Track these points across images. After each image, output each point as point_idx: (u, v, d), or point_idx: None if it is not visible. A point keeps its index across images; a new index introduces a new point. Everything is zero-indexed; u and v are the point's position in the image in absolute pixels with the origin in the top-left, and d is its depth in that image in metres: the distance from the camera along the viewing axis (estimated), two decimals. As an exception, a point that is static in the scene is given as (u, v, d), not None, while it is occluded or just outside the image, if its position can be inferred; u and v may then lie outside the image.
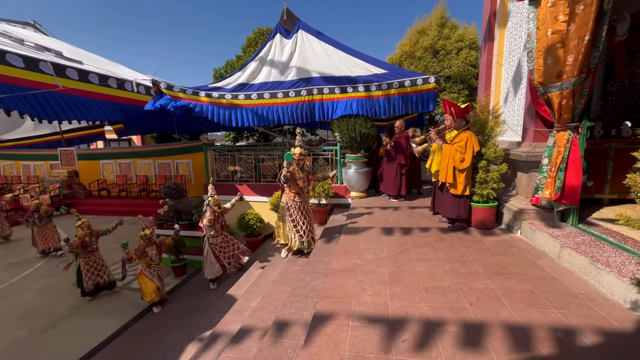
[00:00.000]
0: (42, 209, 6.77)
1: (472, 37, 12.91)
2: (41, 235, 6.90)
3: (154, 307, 4.74)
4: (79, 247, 4.94)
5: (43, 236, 6.91)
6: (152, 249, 4.70)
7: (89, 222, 5.10)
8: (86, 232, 4.98)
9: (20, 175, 13.86)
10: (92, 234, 5.10)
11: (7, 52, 5.23)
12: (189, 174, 11.51)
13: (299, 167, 4.03)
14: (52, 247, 7.05)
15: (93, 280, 5.11)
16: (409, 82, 5.70)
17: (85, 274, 5.06)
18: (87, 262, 5.06)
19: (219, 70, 16.57)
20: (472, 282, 2.74)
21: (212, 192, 4.81)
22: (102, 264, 5.25)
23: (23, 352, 3.95)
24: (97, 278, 5.12)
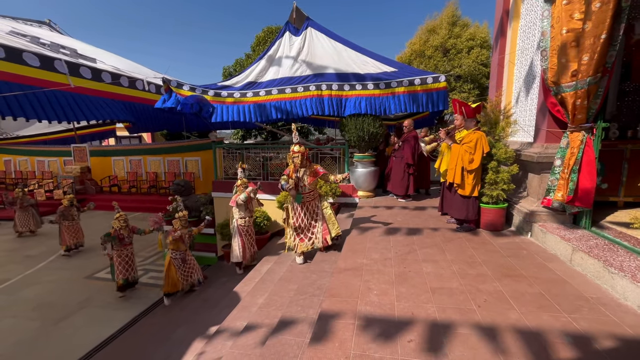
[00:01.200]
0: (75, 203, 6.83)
1: (484, 36, 12.71)
2: (70, 231, 6.85)
3: (166, 299, 4.75)
4: (115, 238, 4.90)
5: (72, 231, 6.88)
6: (186, 231, 4.73)
7: (126, 216, 5.06)
8: (122, 224, 4.94)
9: (35, 171, 14.23)
10: (128, 228, 5.04)
11: (24, 50, 5.36)
12: (198, 172, 11.65)
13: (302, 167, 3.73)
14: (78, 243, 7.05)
15: (124, 275, 5.07)
16: (419, 81, 5.64)
17: (117, 267, 5.02)
18: (119, 255, 5.02)
19: (228, 69, 16.70)
20: (480, 283, 2.70)
21: (241, 175, 4.66)
22: (133, 259, 5.22)
23: (36, 343, 4.06)
24: (127, 273, 5.10)
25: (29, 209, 8.32)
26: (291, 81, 6.24)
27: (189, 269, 4.84)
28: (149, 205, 10.79)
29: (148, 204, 10.93)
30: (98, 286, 5.59)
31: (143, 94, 7.64)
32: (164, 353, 3.36)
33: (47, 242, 7.42)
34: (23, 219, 8.24)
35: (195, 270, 4.94)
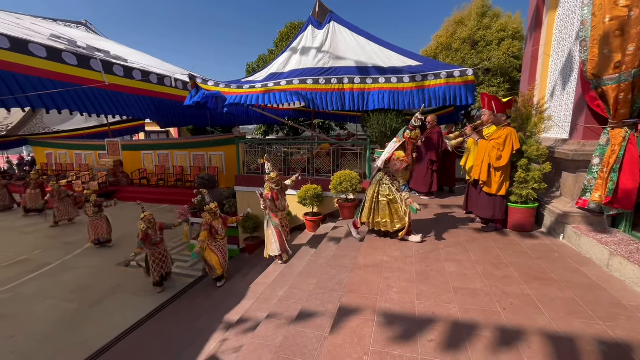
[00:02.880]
0: (92, 199, 7.14)
1: (516, 27, 12.04)
2: (92, 226, 7.13)
3: (218, 282, 4.89)
4: (143, 241, 4.94)
5: (94, 226, 7.13)
6: (218, 223, 4.84)
7: (151, 216, 5.03)
8: (147, 225, 4.95)
9: (73, 163, 15.19)
10: (155, 227, 5.06)
11: (63, 50, 5.73)
12: (222, 166, 11.96)
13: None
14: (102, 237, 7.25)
15: (158, 272, 5.17)
16: (445, 74, 5.46)
17: (152, 265, 5.12)
18: (152, 254, 5.09)
19: (252, 65, 16.93)
20: (506, 286, 2.60)
21: (269, 169, 4.58)
22: (166, 255, 5.29)
23: (73, 323, 4.37)
24: (162, 270, 5.20)
25: (66, 200, 8.90)
26: (313, 72, 6.22)
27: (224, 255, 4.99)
28: (175, 198, 11.23)
29: (174, 197, 11.39)
30: (128, 273, 5.91)
31: (171, 90, 7.94)
32: (189, 339, 3.51)
33: (83, 230, 7.90)
34: (62, 209, 8.82)
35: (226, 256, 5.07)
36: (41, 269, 6.12)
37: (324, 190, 5.96)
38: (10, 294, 5.19)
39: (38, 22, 8.88)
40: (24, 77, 4.88)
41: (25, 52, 4.99)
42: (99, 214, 7.08)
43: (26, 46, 5.06)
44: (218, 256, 4.84)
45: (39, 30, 7.49)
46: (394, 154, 3.56)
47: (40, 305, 4.84)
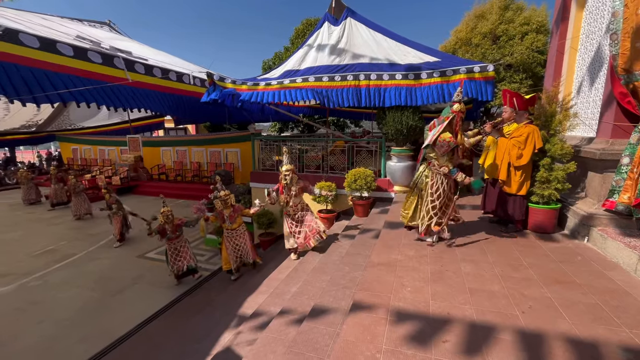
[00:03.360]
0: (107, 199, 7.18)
1: (541, 20, 11.55)
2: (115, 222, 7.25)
3: (231, 276, 5.00)
4: (158, 232, 5.06)
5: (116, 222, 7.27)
6: (228, 211, 4.89)
7: (169, 213, 5.06)
8: (165, 220, 5.02)
9: (97, 158, 15.82)
10: (172, 223, 5.10)
11: (88, 49, 5.97)
12: (237, 162, 12.15)
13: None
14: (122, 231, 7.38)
15: (175, 266, 5.22)
16: (464, 70, 5.30)
17: (170, 257, 5.22)
18: (169, 247, 5.18)
19: (268, 62, 17.04)
20: (525, 288, 2.52)
21: (286, 160, 4.40)
22: (183, 250, 5.28)
23: (96, 311, 4.57)
24: (178, 263, 5.23)
25: (81, 194, 9.23)
26: (328, 69, 6.19)
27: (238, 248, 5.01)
28: (192, 193, 11.51)
29: (191, 192, 11.67)
30: (148, 265, 6.12)
31: (189, 87, 8.12)
32: (204, 330, 3.60)
33: (105, 222, 8.22)
34: (77, 204, 9.13)
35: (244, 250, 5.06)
36: (67, 259, 6.43)
37: (338, 187, 5.95)
38: (40, 281, 5.49)
39: (65, 23, 9.26)
40: (54, 74, 5.14)
41: (54, 51, 5.23)
42: (117, 212, 7.18)
43: (54, 45, 5.30)
44: (228, 249, 4.92)
45: (66, 30, 7.81)
46: (440, 135, 3.26)
47: (67, 293, 5.09)
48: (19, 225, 8.92)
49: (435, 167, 3.41)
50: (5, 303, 4.78)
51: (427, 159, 3.49)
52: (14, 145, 18.85)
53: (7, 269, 5.96)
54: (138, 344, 3.83)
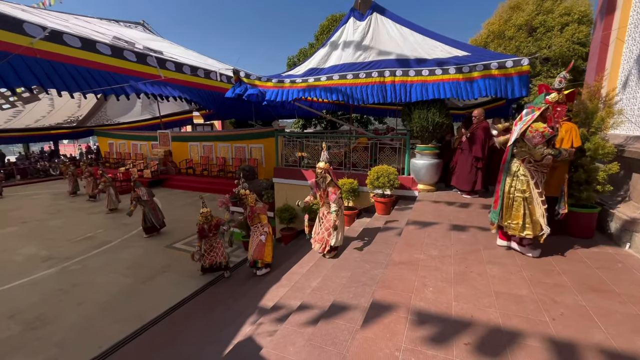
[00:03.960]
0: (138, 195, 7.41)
1: (584, 9, 10.76)
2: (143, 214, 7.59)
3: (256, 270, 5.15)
4: (198, 232, 5.30)
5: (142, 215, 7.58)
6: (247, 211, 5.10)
7: (208, 214, 5.21)
8: (204, 220, 5.21)
9: (130, 152, 16.71)
10: (210, 223, 5.27)
11: (124, 49, 6.32)
12: (261, 158, 12.38)
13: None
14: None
15: (205, 257, 5.40)
16: (495, 65, 5.05)
17: (204, 250, 5.41)
18: (205, 243, 5.40)
19: (292, 59, 17.15)
20: (557, 294, 2.39)
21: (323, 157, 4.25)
22: (217, 247, 5.42)
23: (129, 296, 4.87)
24: (210, 257, 5.40)
25: (110, 189, 9.70)
26: (353, 67, 6.13)
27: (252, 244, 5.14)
28: (217, 187, 11.88)
29: (217, 186, 12.05)
30: (176, 255, 6.41)
31: (216, 82, 8.39)
32: (227, 320, 3.73)
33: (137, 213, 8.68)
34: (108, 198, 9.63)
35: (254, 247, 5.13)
36: (104, 245, 6.88)
37: (360, 184, 5.91)
38: (80, 265, 5.92)
39: (103, 24, 9.83)
40: (96, 71, 5.51)
41: (94, 50, 5.59)
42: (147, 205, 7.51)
43: (94, 45, 5.65)
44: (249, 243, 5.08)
45: (104, 31, 8.30)
46: (531, 126, 2.89)
47: (103, 277, 5.46)
48: (61, 213, 9.65)
49: (533, 160, 2.94)
50: (50, 284, 5.21)
51: (518, 156, 3.06)
52: (58, 139, 20.34)
53: (51, 253, 6.48)
54: (166, 329, 4.04)
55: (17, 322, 4.21)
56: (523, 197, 3.00)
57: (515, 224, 3.05)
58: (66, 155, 21.58)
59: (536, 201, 2.97)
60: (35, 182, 15.64)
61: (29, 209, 10.12)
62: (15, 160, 18.62)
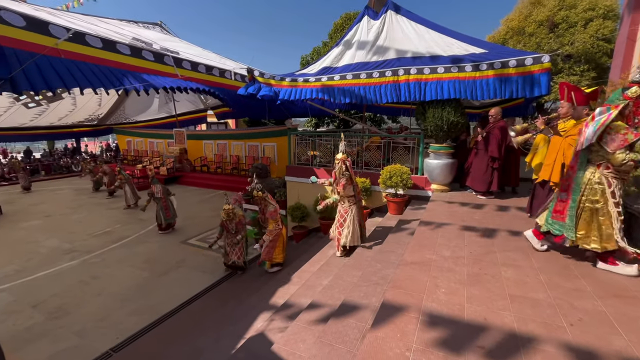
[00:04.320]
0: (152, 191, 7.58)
1: (609, 4, 10.31)
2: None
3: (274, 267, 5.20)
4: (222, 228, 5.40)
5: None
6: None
7: (230, 210, 5.21)
8: (226, 217, 5.22)
9: (147, 150, 17.16)
10: (234, 221, 5.28)
11: (143, 49, 6.49)
12: (274, 156, 12.48)
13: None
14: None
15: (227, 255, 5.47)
16: (514, 62, 4.91)
17: (227, 247, 5.48)
18: (226, 238, 5.46)
19: (306, 58, 17.17)
20: (576, 299, 2.32)
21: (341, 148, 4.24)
22: (238, 246, 5.43)
23: (145, 289, 5.02)
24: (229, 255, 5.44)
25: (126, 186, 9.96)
26: (366, 66, 6.10)
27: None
28: (231, 185, 12.07)
29: (230, 184, 12.24)
30: (190, 250, 6.56)
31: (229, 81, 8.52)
32: (239, 315, 3.80)
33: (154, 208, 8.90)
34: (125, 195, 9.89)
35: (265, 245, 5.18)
36: (121, 240, 7.11)
37: (373, 184, 5.88)
38: (99, 259, 6.14)
39: (122, 25, 10.13)
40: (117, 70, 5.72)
41: (114, 50, 5.78)
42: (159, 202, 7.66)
43: (115, 45, 5.84)
44: None
45: (123, 32, 8.54)
46: (609, 127, 2.52)
47: (121, 270, 5.64)
48: (82, 207, 10.03)
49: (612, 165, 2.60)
50: (72, 276, 5.43)
51: (593, 161, 2.73)
52: (79, 137, 21.11)
53: (73, 246, 6.75)
54: (180, 322, 4.14)
55: (40, 311, 4.41)
56: (593, 207, 2.70)
57: (581, 235, 2.77)
58: (87, 152, 22.38)
59: (611, 213, 2.64)
60: (58, 177, 16.31)
61: (52, 204, 10.57)
62: (39, 157, 19.47)
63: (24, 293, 4.88)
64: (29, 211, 9.66)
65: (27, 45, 4.59)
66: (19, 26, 4.52)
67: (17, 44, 4.46)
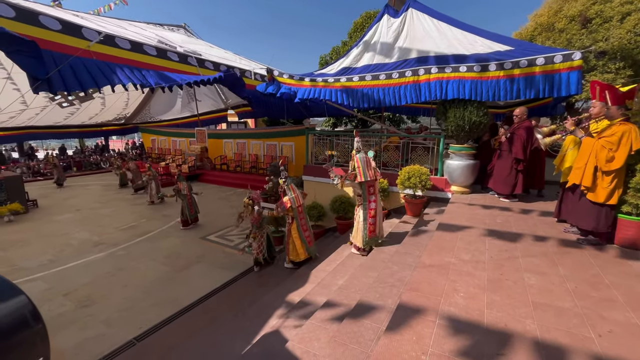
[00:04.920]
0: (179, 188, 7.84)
1: (650, -3, 9.65)
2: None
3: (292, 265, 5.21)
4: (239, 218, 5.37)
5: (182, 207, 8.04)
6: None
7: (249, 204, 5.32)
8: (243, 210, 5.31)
9: (170, 148, 17.75)
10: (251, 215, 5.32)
11: (168, 50, 6.74)
12: (291, 155, 12.59)
13: None
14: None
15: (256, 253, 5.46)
16: (542, 60, 4.69)
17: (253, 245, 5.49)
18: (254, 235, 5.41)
19: (325, 57, 17.19)
20: (605, 310, 2.19)
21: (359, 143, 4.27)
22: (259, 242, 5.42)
23: (166, 283, 5.20)
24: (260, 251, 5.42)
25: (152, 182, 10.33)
26: (386, 67, 6.04)
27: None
28: (249, 183, 12.23)
29: (249, 182, 12.41)
30: (210, 246, 6.73)
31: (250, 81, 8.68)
32: (255, 311, 3.86)
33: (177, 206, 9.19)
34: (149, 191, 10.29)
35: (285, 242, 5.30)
36: (145, 234, 7.39)
37: (390, 184, 5.81)
38: (125, 252, 6.42)
39: (149, 28, 10.54)
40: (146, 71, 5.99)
41: (141, 51, 6.04)
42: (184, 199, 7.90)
43: (142, 47, 6.10)
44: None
45: (149, 35, 8.90)
46: None
47: (145, 264, 5.88)
48: (110, 203, 10.52)
49: None
50: (99, 267, 5.71)
51: None
52: (108, 135, 22.13)
53: (101, 239, 7.09)
54: (198, 315, 4.26)
55: (70, 300, 4.66)
56: None
57: None
58: (115, 150, 23.44)
59: None
60: (89, 174, 17.19)
61: (83, 198, 11.15)
62: (71, 154, 20.61)
63: (57, 281, 5.18)
64: (62, 205, 10.24)
65: (63, 47, 4.87)
66: (55, 29, 4.80)
67: (54, 47, 4.74)
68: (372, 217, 4.22)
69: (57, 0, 8.90)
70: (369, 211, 4.23)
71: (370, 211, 4.22)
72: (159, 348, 3.64)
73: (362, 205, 4.26)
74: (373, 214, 4.23)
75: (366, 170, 4.12)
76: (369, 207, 4.24)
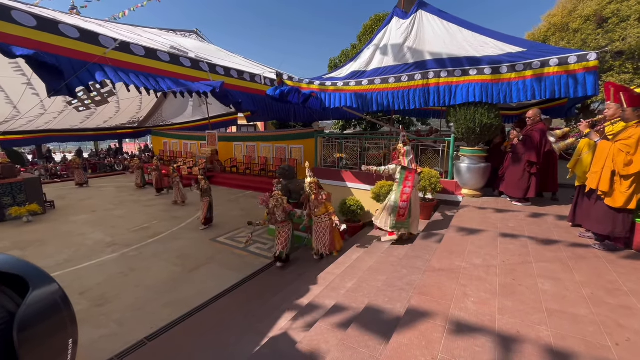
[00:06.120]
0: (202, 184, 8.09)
1: (669, -5, 9.38)
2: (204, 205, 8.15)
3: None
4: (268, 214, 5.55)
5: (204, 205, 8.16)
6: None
7: (278, 197, 5.36)
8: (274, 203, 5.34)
9: (182, 151, 18.06)
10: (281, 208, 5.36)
11: (180, 55, 6.90)
12: (300, 158, 12.64)
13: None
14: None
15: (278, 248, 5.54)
16: (555, 61, 4.61)
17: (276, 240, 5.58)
18: (277, 228, 5.51)
19: (334, 60, 17.25)
20: (623, 317, 2.13)
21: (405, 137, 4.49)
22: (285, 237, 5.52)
23: (177, 283, 5.28)
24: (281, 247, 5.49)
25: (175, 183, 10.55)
26: (395, 70, 6.02)
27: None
28: (259, 186, 12.36)
29: (258, 185, 12.54)
30: (220, 248, 6.81)
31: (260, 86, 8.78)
32: (264, 312, 3.88)
33: (188, 208, 9.40)
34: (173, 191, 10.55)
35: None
36: (157, 236, 7.53)
37: (400, 187, 5.77)
38: (136, 252, 6.55)
39: (162, 34, 10.80)
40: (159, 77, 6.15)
41: (155, 57, 6.19)
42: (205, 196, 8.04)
43: (155, 53, 6.25)
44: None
45: (162, 41, 9.12)
46: None
47: (156, 264, 5.98)
48: (123, 204, 10.76)
49: None
50: (113, 267, 5.84)
51: None
52: (122, 138, 22.68)
53: (114, 240, 7.26)
54: (209, 316, 4.31)
55: (85, 298, 4.78)
56: None
57: None
58: (128, 153, 23.98)
59: None
60: (103, 176, 17.62)
61: (97, 200, 11.44)
62: (87, 156, 21.18)
63: (73, 280, 5.32)
64: (78, 206, 10.53)
65: (81, 54, 5.04)
66: (73, 37, 4.98)
67: (72, 54, 4.91)
68: (403, 201, 4.34)
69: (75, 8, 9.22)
70: (402, 195, 4.35)
71: (403, 195, 4.35)
72: (170, 348, 3.69)
73: (396, 191, 4.42)
74: (405, 199, 4.34)
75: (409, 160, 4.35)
76: (402, 191, 4.37)
